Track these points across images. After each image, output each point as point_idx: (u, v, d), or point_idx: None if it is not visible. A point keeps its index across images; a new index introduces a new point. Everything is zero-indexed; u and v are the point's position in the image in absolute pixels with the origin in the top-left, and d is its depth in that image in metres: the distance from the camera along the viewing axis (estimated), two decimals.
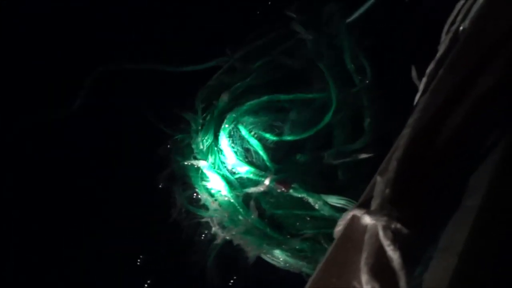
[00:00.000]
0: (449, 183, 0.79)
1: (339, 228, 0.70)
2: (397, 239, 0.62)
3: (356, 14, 1.91)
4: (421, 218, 0.73)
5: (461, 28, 1.15)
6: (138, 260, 1.59)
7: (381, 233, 0.62)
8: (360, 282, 0.61)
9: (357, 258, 0.64)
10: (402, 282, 0.59)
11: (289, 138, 1.78)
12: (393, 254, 0.61)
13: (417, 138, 0.75)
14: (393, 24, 1.94)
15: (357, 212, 0.67)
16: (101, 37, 1.96)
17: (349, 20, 1.94)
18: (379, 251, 0.63)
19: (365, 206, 0.70)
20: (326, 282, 0.65)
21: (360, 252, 0.64)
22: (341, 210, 1.59)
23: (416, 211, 0.72)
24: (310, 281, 0.67)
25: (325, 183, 1.71)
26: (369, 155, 1.74)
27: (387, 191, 0.67)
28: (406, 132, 0.75)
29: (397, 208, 0.67)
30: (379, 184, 0.68)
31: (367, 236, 0.64)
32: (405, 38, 1.91)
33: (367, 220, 0.65)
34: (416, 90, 1.16)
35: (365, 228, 0.66)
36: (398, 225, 0.63)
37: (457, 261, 0.70)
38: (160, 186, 1.68)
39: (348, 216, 0.69)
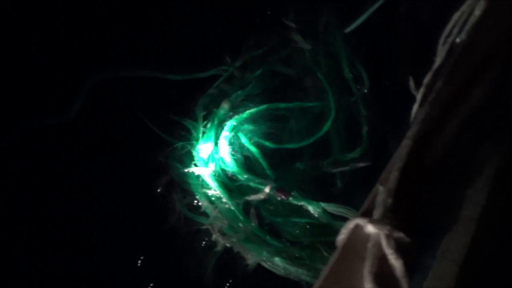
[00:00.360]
0: (447, 193, 0.81)
1: (342, 236, 0.72)
2: (399, 248, 0.64)
3: (354, 25, 1.94)
4: (421, 227, 0.74)
5: (457, 40, 1.17)
6: (139, 262, 1.59)
7: (384, 242, 0.64)
8: None
9: (360, 266, 0.66)
10: None
11: (288, 146, 1.80)
12: (396, 262, 0.62)
13: (416, 149, 0.77)
14: (388, 33, 1.97)
15: (360, 221, 0.68)
16: (100, 44, 1.98)
17: (347, 30, 1.97)
18: (382, 260, 0.64)
19: (367, 215, 0.71)
20: None
21: (362, 260, 0.66)
22: (340, 218, 1.61)
23: (416, 220, 0.74)
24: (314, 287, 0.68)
25: (320, 190, 1.72)
26: (368, 163, 1.76)
27: (389, 200, 0.68)
28: (406, 143, 0.77)
29: (399, 217, 0.69)
30: (381, 194, 0.70)
31: (370, 245, 0.65)
32: (399, 47, 1.94)
33: (370, 229, 0.66)
34: (411, 98, 1.17)
35: (368, 236, 0.67)
36: (401, 234, 0.65)
37: (456, 269, 0.72)
38: (159, 192, 1.69)
39: (351, 225, 0.70)
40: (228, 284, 1.54)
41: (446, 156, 0.81)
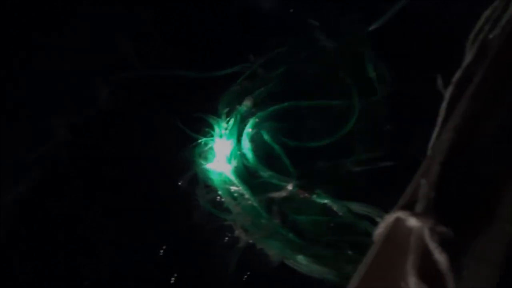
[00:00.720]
0: (485, 190, 0.79)
1: (381, 230, 0.70)
2: (443, 242, 0.63)
3: (378, 22, 1.93)
4: (462, 222, 0.73)
5: (490, 36, 1.15)
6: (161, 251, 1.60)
7: (427, 236, 0.63)
8: (406, 284, 0.62)
9: (401, 260, 0.65)
10: (451, 283, 0.59)
11: (310, 144, 1.79)
12: (440, 256, 0.61)
13: (458, 143, 0.76)
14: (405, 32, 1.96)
15: (402, 215, 0.67)
16: (126, 43, 2.01)
17: (370, 29, 1.96)
18: (425, 254, 0.63)
19: (407, 209, 0.70)
20: (370, 283, 0.66)
21: (404, 254, 0.65)
22: (363, 217, 1.59)
23: (457, 215, 0.72)
24: (353, 282, 0.67)
25: (342, 189, 1.71)
26: (390, 163, 1.74)
27: (432, 194, 0.67)
28: (447, 136, 0.75)
29: (441, 212, 0.67)
30: (423, 187, 0.69)
31: (413, 239, 0.64)
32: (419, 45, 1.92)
33: (412, 222, 0.65)
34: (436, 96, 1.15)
35: (409, 230, 0.66)
36: (444, 228, 0.64)
37: (495, 272, 0.70)
38: (183, 188, 1.70)
39: (391, 218, 0.69)
40: (249, 280, 1.53)
41: (485, 152, 0.79)
